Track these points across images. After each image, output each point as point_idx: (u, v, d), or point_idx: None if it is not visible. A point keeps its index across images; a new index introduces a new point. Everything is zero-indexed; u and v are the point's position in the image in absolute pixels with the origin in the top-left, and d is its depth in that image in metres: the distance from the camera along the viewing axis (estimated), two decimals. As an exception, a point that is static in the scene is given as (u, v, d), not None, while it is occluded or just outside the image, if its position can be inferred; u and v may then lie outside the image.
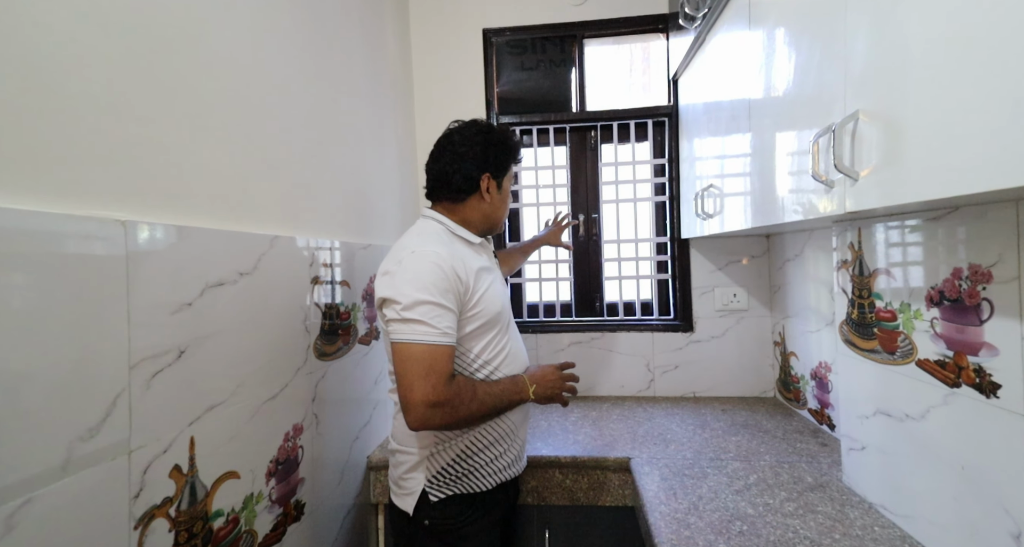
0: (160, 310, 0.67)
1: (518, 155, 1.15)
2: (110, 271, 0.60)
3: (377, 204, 1.55)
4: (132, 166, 0.65)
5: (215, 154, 0.81)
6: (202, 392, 0.75)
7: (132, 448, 0.62)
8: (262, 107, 0.95)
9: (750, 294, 1.83)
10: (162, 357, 0.67)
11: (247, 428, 0.86)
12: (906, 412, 0.88)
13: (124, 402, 0.61)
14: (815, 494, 1.05)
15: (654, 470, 1.21)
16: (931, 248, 0.81)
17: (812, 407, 1.51)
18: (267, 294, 0.93)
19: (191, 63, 0.77)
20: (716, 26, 1.38)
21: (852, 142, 0.71)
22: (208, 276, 0.77)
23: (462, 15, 1.97)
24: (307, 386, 1.07)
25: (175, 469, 0.69)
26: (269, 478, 0.92)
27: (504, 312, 1.06)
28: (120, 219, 0.62)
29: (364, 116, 1.48)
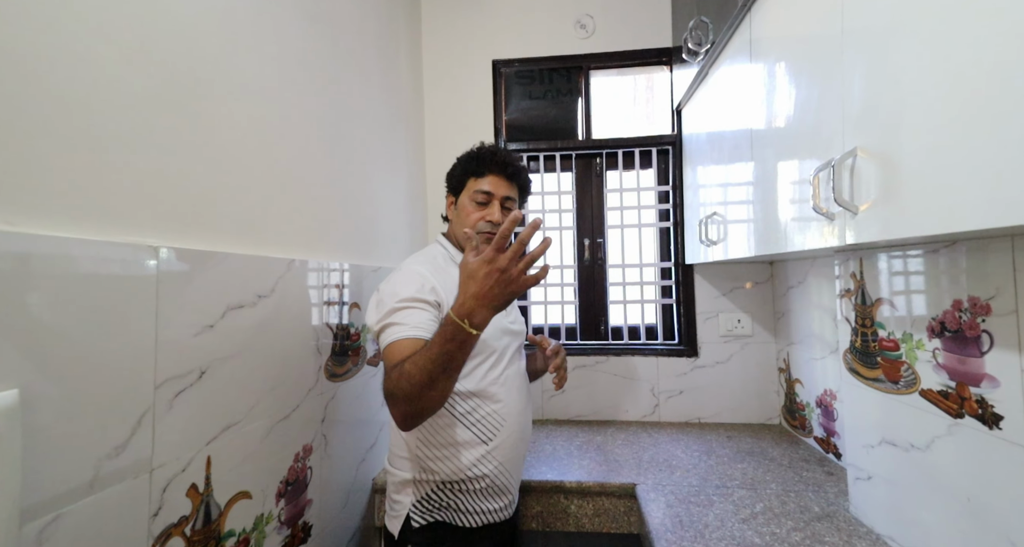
0: (185, 331, 0.70)
1: (475, 167, 1.08)
2: (141, 294, 0.63)
3: (387, 228, 1.58)
4: (163, 194, 0.69)
5: (239, 181, 0.85)
6: (220, 412, 0.77)
7: (154, 466, 0.64)
8: (283, 135, 0.99)
9: (754, 320, 1.84)
10: (185, 377, 0.70)
11: (260, 448, 0.87)
12: (911, 442, 0.89)
13: (148, 421, 0.63)
14: (822, 524, 1.05)
15: (660, 497, 1.21)
16: (932, 279, 0.84)
17: (818, 435, 1.50)
18: (283, 315, 0.96)
19: (220, 95, 0.81)
20: (719, 60, 1.44)
21: (851, 177, 0.74)
22: (230, 299, 0.80)
23: (473, 47, 2.04)
24: (318, 407, 1.08)
25: (192, 488, 0.71)
26: (279, 499, 0.93)
27: (491, 343, 1.02)
28: (152, 244, 0.65)
29: (378, 143, 1.53)
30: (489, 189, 1.07)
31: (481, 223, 1.05)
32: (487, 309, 0.76)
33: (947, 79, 0.56)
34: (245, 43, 0.87)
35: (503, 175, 1.08)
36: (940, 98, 0.57)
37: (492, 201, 1.07)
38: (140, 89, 0.65)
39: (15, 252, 0.49)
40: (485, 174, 1.08)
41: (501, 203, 1.07)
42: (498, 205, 1.06)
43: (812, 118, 0.87)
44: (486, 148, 1.11)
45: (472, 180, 1.09)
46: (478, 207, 1.07)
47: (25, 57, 0.52)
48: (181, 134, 0.72)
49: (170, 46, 0.71)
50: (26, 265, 0.50)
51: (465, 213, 1.07)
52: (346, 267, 1.24)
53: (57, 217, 0.55)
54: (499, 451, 1.02)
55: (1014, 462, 0.68)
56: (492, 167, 1.07)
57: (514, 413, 1.05)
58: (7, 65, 0.50)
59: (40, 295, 0.51)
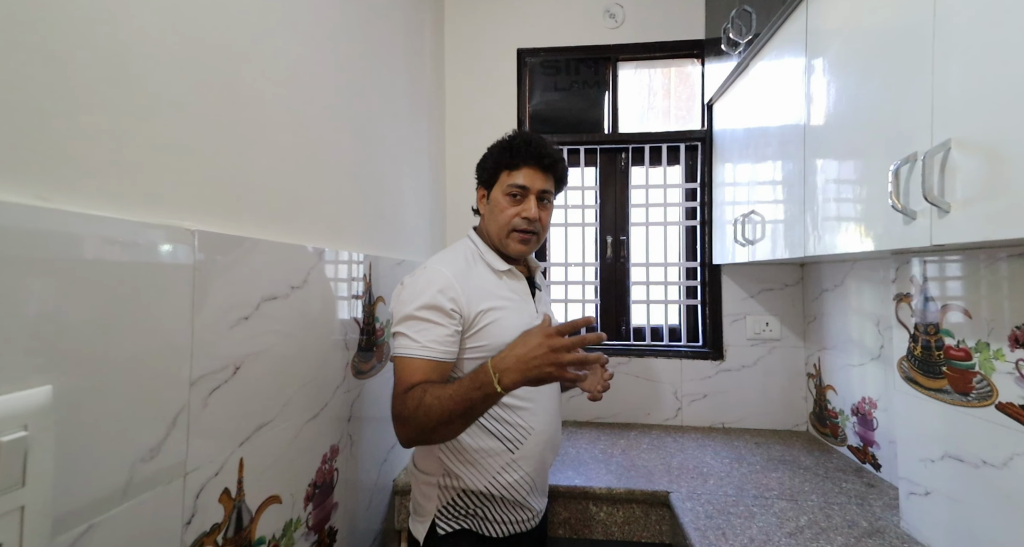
0: (221, 324, 0.64)
1: (508, 158, 1.00)
2: (178, 282, 0.57)
3: (411, 220, 1.53)
4: (197, 172, 0.63)
5: (270, 163, 0.79)
6: (253, 411, 0.72)
7: (188, 470, 0.58)
8: (311, 118, 0.93)
9: (783, 323, 1.79)
10: (220, 373, 0.64)
11: (291, 449, 0.82)
12: (983, 458, 0.84)
13: (183, 421, 0.58)
14: (873, 541, 1.00)
15: (697, 506, 1.16)
16: (1015, 286, 0.78)
17: (853, 444, 1.45)
18: (314, 309, 0.90)
19: (252, 71, 0.75)
20: (762, 52, 1.38)
21: (941, 172, 0.68)
22: (264, 289, 0.74)
23: (497, 35, 1.98)
24: (344, 405, 1.03)
25: (224, 493, 0.65)
26: (307, 503, 0.87)
27: None
28: (189, 228, 0.59)
29: (404, 133, 1.47)
30: (524, 183, 0.99)
31: (516, 220, 0.99)
32: (520, 375, 0.76)
33: None
34: (277, 18, 0.81)
35: (539, 167, 1.00)
36: None
37: (528, 195, 0.99)
38: (177, 56, 0.59)
39: (48, 231, 0.44)
40: (519, 166, 0.99)
41: (537, 197, 1.00)
42: (534, 200, 0.99)
43: (888, 111, 0.81)
44: (520, 138, 1.01)
45: (505, 173, 1.00)
46: (513, 202, 0.99)
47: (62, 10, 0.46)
48: (215, 108, 0.66)
49: (204, 12, 0.65)
50: (59, 247, 0.45)
51: (499, 209, 1.00)
52: (374, 259, 1.19)
53: (91, 193, 0.49)
54: (526, 460, 0.97)
55: (1120, 485, 0.63)
56: (527, 159, 0.99)
57: (543, 421, 0.99)
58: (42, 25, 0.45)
59: (74, 282, 0.46)
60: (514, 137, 1.02)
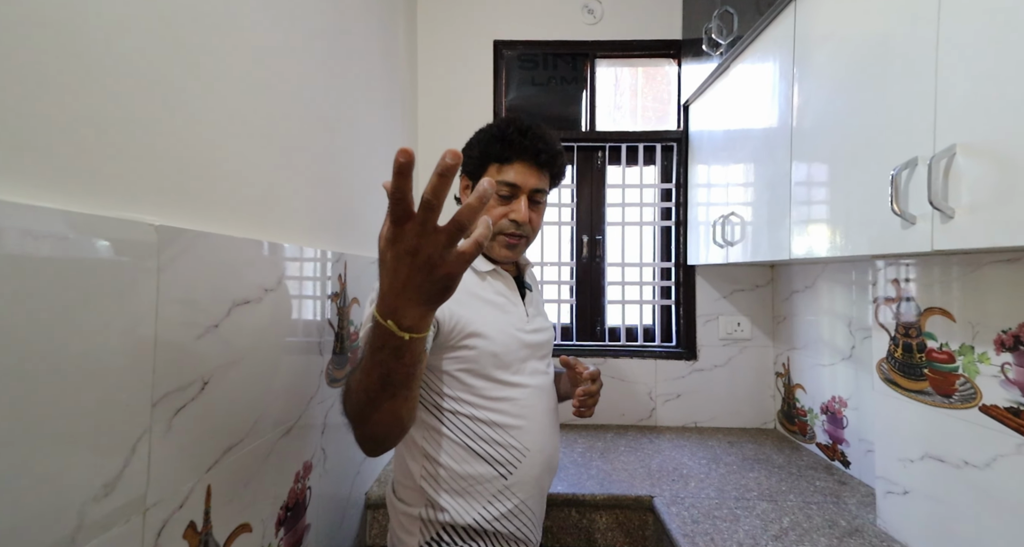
0: (188, 332, 0.56)
1: (499, 150, 0.88)
2: (140, 285, 0.49)
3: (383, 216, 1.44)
4: (160, 160, 0.54)
5: (240, 152, 0.70)
6: (222, 431, 0.63)
7: (148, 505, 0.50)
8: (285, 111, 0.84)
9: (753, 323, 1.82)
10: (186, 390, 0.55)
11: (262, 470, 0.73)
12: (965, 459, 0.86)
13: (144, 448, 0.49)
14: (854, 540, 1.02)
15: (682, 511, 1.15)
16: (1004, 291, 0.80)
17: (821, 442, 1.49)
18: (288, 313, 0.82)
19: (224, 60, 0.66)
20: (744, 54, 1.38)
21: (945, 177, 0.68)
22: (235, 293, 0.65)
23: (473, 25, 1.91)
24: (318, 417, 0.95)
25: (190, 527, 0.57)
26: (279, 527, 0.79)
27: (506, 352, 0.86)
28: (153, 223, 0.50)
29: (377, 126, 1.38)
30: (515, 181, 0.88)
31: (503, 222, 0.89)
32: (414, 305, 0.50)
33: None
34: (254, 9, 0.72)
35: (534, 163, 0.89)
36: None
37: (519, 195, 0.89)
38: (136, 28, 0.50)
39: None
40: (512, 161, 0.88)
41: (529, 196, 0.90)
42: (525, 200, 0.89)
43: (887, 116, 0.81)
44: (514, 126, 0.89)
45: (495, 167, 0.89)
46: (501, 201, 0.89)
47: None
48: (180, 84, 0.57)
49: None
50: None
51: (485, 207, 0.88)
52: (348, 258, 1.10)
53: (34, 179, 0.40)
54: (521, 486, 0.86)
55: (1108, 487, 0.65)
56: (521, 153, 0.88)
57: (539, 439, 0.89)
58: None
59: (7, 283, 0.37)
60: (507, 125, 0.89)
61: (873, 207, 0.82)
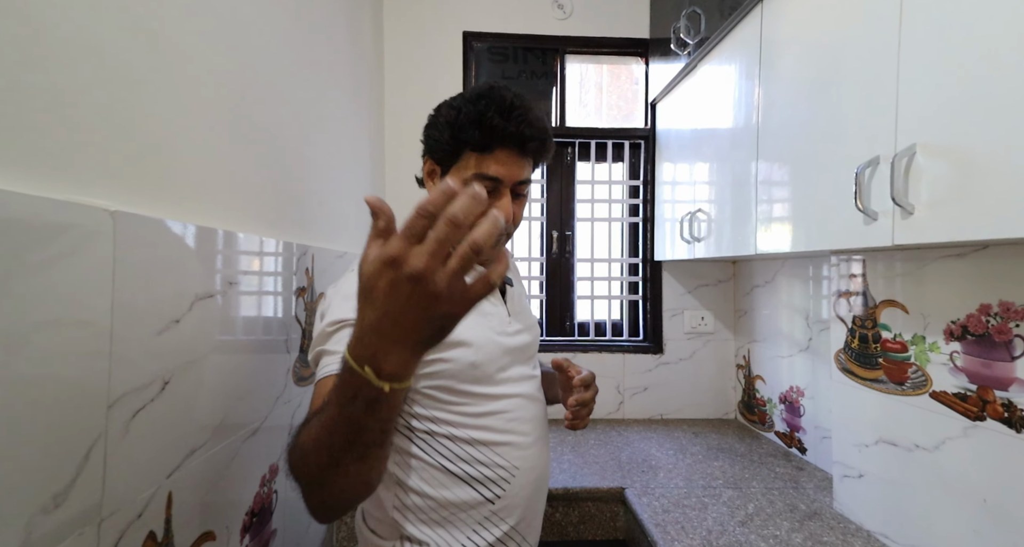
0: (147, 328, 0.52)
1: (479, 136, 0.70)
2: (94, 275, 0.44)
3: (351, 209, 1.39)
4: (115, 139, 0.49)
5: (204, 140, 0.65)
6: (184, 433, 0.59)
7: (103, 516, 0.46)
8: (250, 98, 0.80)
9: (716, 317, 1.88)
10: (145, 390, 0.51)
11: (227, 474, 0.69)
12: (916, 442, 0.91)
13: (99, 454, 0.45)
14: (814, 523, 1.06)
15: (652, 501, 1.17)
16: (953, 284, 0.85)
17: (780, 430, 1.56)
18: (253, 308, 0.77)
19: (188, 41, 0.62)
20: (711, 55, 1.41)
21: (906, 175, 0.72)
22: (198, 286, 0.61)
23: (441, 15, 1.87)
24: (285, 417, 0.90)
25: (149, 538, 0.53)
26: (244, 534, 0.75)
27: (488, 362, 0.74)
28: (109, 208, 0.46)
29: (344, 117, 1.33)
30: (498, 175, 0.71)
31: None
32: (400, 348, 0.41)
33: None
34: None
35: (519, 151, 0.72)
36: None
37: (501, 189, 0.72)
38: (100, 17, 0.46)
39: None
40: (492, 149, 0.71)
41: (513, 189, 0.74)
42: (509, 195, 0.73)
43: (850, 116, 0.85)
44: (494, 106, 0.70)
45: (472, 157, 0.72)
46: None
47: None
48: (136, 64, 0.52)
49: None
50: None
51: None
52: (315, 251, 1.06)
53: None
54: (510, 511, 0.75)
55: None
56: (504, 140, 0.70)
57: (529, 457, 0.77)
58: None
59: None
60: (487, 104, 0.70)
61: (837, 204, 0.86)
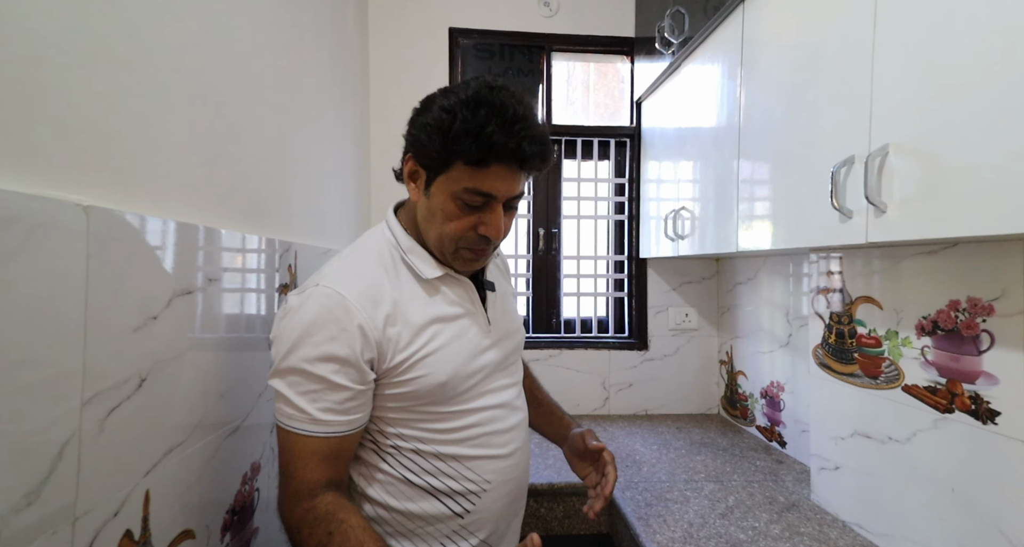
0: (122, 325, 0.51)
1: (475, 149, 0.63)
2: (67, 271, 0.44)
3: (335, 205, 1.39)
4: (89, 132, 0.49)
5: (180, 129, 0.65)
6: (162, 431, 0.58)
7: (78, 514, 0.45)
8: (233, 90, 0.79)
9: (700, 314, 1.90)
10: (121, 388, 0.51)
11: (206, 472, 0.69)
12: (889, 435, 0.94)
13: (73, 452, 0.44)
14: (792, 514, 1.09)
15: (636, 495, 1.19)
16: (925, 280, 0.87)
17: (760, 424, 1.58)
18: (234, 305, 0.77)
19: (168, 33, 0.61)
20: (695, 54, 1.43)
21: (879, 174, 0.73)
22: (176, 282, 0.61)
23: (428, 12, 1.87)
24: (267, 414, 0.90)
25: (126, 536, 0.52)
26: (224, 533, 0.74)
27: (458, 380, 0.71)
28: (82, 203, 0.45)
29: (328, 112, 1.33)
30: (492, 191, 0.66)
31: (471, 234, 0.69)
32: None
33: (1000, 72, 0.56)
34: None
35: (517, 167, 0.66)
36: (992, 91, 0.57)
37: (492, 204, 0.68)
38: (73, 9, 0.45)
39: None
40: (489, 164, 0.65)
41: (505, 202, 0.70)
42: (500, 210, 0.69)
43: (827, 117, 0.86)
44: (495, 119, 0.63)
45: (465, 169, 0.65)
46: (467, 210, 0.68)
47: None
48: (113, 53, 0.52)
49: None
50: None
51: (445, 214, 0.68)
52: (296, 247, 1.05)
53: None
54: (481, 525, 0.74)
55: (1010, 455, 0.73)
56: (503, 156, 0.64)
57: (503, 469, 0.75)
58: None
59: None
60: (487, 114, 0.63)
61: (814, 203, 0.87)
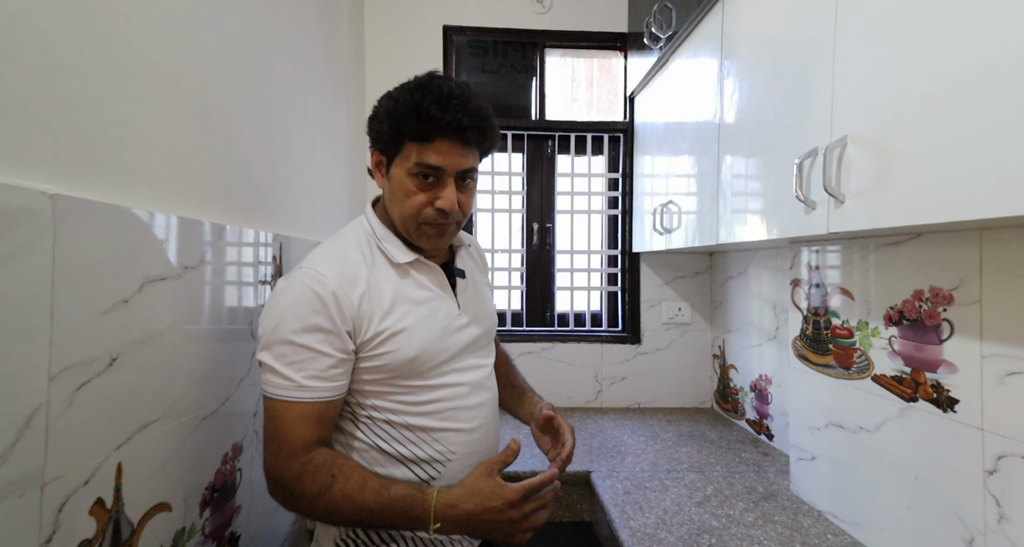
0: (91, 307, 0.55)
1: (416, 125, 0.72)
2: (31, 256, 0.47)
3: (326, 199, 1.42)
4: (60, 125, 0.52)
5: (159, 123, 0.68)
6: (134, 408, 0.62)
7: (46, 480, 0.49)
8: (212, 82, 0.83)
9: (693, 308, 1.90)
10: (90, 366, 0.54)
11: (183, 450, 0.72)
12: (860, 424, 0.94)
13: (40, 422, 0.48)
14: (769, 504, 1.10)
15: (616, 483, 1.20)
16: (891, 271, 0.88)
17: (750, 418, 1.59)
18: (212, 293, 0.80)
19: (149, 20, 0.64)
20: (681, 49, 1.43)
21: (838, 166, 0.74)
22: (149, 268, 0.64)
23: (422, 9, 1.90)
24: (250, 399, 0.94)
25: (97, 504, 0.56)
26: (203, 508, 0.78)
27: (427, 357, 0.77)
28: (47, 191, 0.49)
29: (319, 106, 1.36)
30: (439, 164, 0.73)
31: (428, 211, 0.76)
32: (464, 531, 0.69)
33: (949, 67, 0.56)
34: None
35: (459, 140, 0.73)
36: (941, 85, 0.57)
37: (443, 178, 0.75)
38: None
39: None
40: (432, 139, 0.72)
41: (459, 178, 0.76)
42: (453, 184, 0.75)
43: (792, 110, 0.87)
44: (431, 96, 0.71)
45: (412, 147, 0.73)
46: (422, 184, 0.75)
47: None
48: (83, 38, 0.55)
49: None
50: None
51: (403, 192, 0.76)
52: (282, 239, 1.09)
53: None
54: None
55: (967, 442, 0.73)
56: (442, 130, 0.71)
57: (469, 443, 0.80)
58: None
59: None
60: (424, 94, 0.71)
61: (785, 195, 0.88)
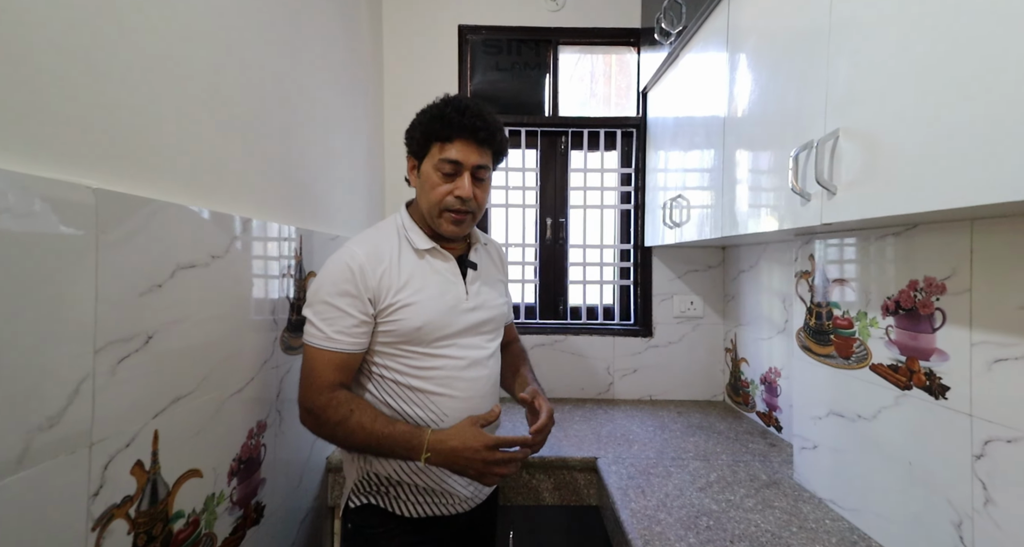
0: (129, 290, 0.61)
1: (439, 129, 0.92)
2: (79, 244, 0.54)
3: (346, 195, 1.49)
4: (107, 129, 0.59)
5: (188, 121, 0.75)
6: (168, 382, 0.69)
7: (94, 440, 0.56)
8: (238, 81, 0.89)
9: (705, 302, 1.91)
10: (129, 342, 0.61)
11: (212, 423, 0.80)
12: (858, 413, 0.96)
13: (87, 389, 0.55)
14: (770, 491, 1.12)
15: (621, 469, 1.24)
16: (888, 261, 0.89)
17: (760, 410, 1.60)
18: (238, 281, 0.87)
19: (176, 25, 0.71)
20: (690, 44, 1.45)
21: (831, 158, 0.76)
22: (180, 257, 0.71)
23: (438, 9, 1.95)
24: (273, 381, 1.01)
25: (137, 465, 0.63)
26: (231, 478, 0.86)
27: (431, 328, 0.92)
28: (91, 186, 0.56)
29: (339, 105, 1.42)
30: (457, 158, 0.92)
31: (449, 199, 0.93)
32: (447, 464, 0.86)
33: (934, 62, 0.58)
34: None
35: (474, 140, 0.92)
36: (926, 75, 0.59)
37: (461, 172, 0.93)
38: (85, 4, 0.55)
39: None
40: (452, 139, 0.92)
41: (473, 173, 0.93)
42: (468, 177, 0.93)
43: (792, 103, 0.89)
44: (452, 106, 0.92)
45: (437, 146, 0.93)
46: (445, 178, 0.93)
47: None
48: (120, 47, 0.62)
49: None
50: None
51: (430, 185, 0.94)
52: (305, 234, 1.16)
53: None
54: None
55: (957, 428, 0.74)
56: (460, 131, 0.91)
57: (461, 410, 0.94)
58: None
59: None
60: (446, 104, 0.93)
61: (783, 188, 0.90)
